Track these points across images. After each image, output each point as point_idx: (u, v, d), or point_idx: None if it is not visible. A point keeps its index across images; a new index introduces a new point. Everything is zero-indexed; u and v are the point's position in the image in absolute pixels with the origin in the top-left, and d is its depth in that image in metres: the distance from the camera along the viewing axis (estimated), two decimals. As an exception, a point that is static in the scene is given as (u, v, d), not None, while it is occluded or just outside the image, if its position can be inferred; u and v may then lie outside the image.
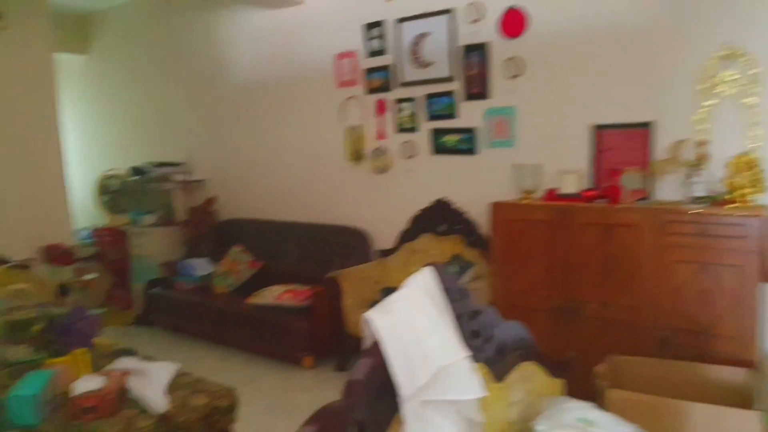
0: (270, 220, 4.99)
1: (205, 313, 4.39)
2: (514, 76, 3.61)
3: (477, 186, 3.87)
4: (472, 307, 1.62)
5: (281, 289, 4.17)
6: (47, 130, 4.28)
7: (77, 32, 6.23)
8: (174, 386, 2.32)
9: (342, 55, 4.40)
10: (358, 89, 4.36)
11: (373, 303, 3.90)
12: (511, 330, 1.85)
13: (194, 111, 5.51)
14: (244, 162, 5.22)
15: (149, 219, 5.42)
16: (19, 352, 2.31)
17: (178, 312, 4.60)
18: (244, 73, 5.07)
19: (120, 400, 2.13)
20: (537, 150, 3.56)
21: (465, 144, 3.92)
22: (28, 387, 2.00)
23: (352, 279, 3.94)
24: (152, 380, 2.28)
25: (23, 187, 4.09)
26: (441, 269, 1.51)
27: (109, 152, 6.29)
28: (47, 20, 4.31)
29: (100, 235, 5.39)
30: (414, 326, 1.34)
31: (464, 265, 3.75)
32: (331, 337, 3.94)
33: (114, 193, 5.55)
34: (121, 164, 5.81)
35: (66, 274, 4.01)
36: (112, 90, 6.25)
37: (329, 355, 3.99)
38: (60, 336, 2.20)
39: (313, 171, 4.73)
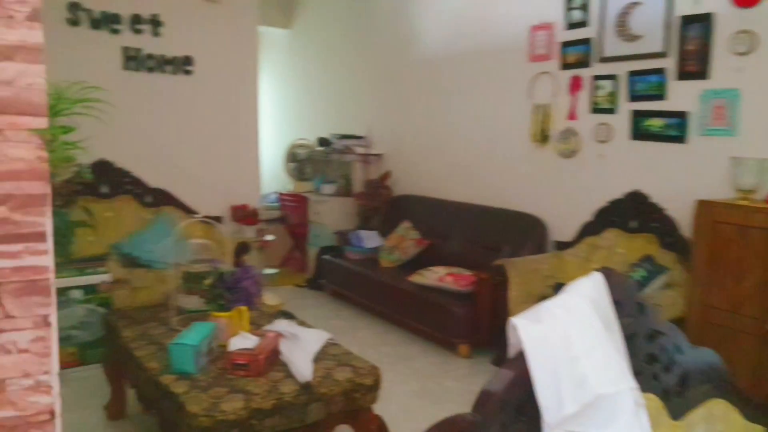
0: (441, 199, 4.87)
1: (369, 285, 4.45)
2: (743, 54, 2.99)
3: (682, 180, 3.31)
4: (652, 326, 1.30)
5: (444, 270, 4.04)
6: (248, 98, 4.62)
7: (283, 8, 6.65)
8: (322, 355, 2.32)
9: (537, 27, 4.06)
10: (552, 64, 4.00)
11: (541, 298, 3.59)
12: (699, 357, 1.48)
13: (380, 85, 5.57)
14: (422, 137, 5.15)
15: (329, 188, 5.65)
16: (192, 302, 2.48)
17: (344, 280, 4.74)
18: (431, 47, 4.97)
19: (270, 361, 2.17)
20: (764, 142, 2.92)
21: (672, 130, 3.36)
22: (191, 337, 2.13)
23: (520, 269, 3.65)
24: (303, 346, 2.29)
25: (222, 148, 4.48)
26: (615, 276, 1.22)
27: (299, 122, 6.68)
28: (254, -6, 4.63)
29: (284, 199, 5.77)
30: (570, 342, 1.09)
31: (655, 270, 3.25)
32: (491, 328, 3.72)
33: (300, 161, 5.87)
34: (309, 134, 6.12)
35: (248, 233, 4.32)
36: (307, 63, 6.59)
37: (487, 346, 3.78)
38: (226, 292, 2.32)
39: (492, 150, 4.49)
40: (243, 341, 2.18)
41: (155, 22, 4.08)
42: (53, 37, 3.67)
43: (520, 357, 1.14)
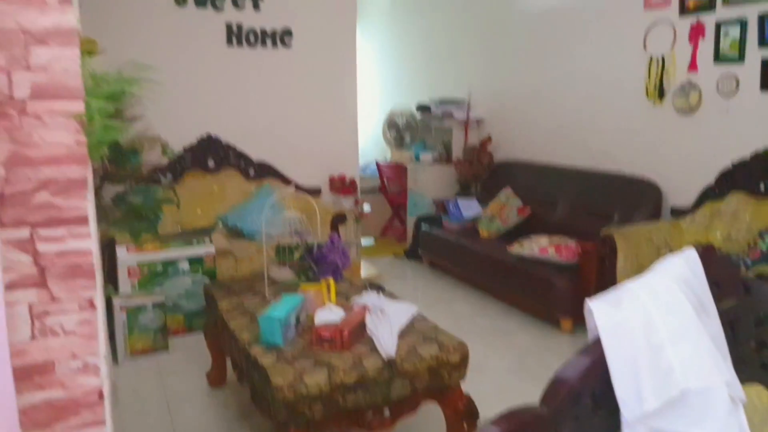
0: (545, 164, 4.62)
1: (468, 255, 4.35)
2: None
3: (823, 135, 2.87)
4: (762, 309, 1.12)
5: (547, 240, 3.84)
6: (346, 68, 4.62)
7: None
8: (408, 330, 2.29)
9: (651, -29, 3.67)
10: (670, 11, 3.61)
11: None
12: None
13: (481, 45, 5.34)
14: (525, 99, 4.89)
15: (428, 156, 5.57)
16: (283, 274, 2.55)
17: (442, 250, 4.67)
18: (533, 1, 4.66)
19: (355, 335, 2.18)
20: None
21: (811, 77, 2.92)
22: (279, 309, 2.18)
23: (631, 239, 3.38)
24: (390, 320, 2.27)
25: (321, 119, 4.54)
26: (712, 254, 1.05)
27: (399, 89, 6.61)
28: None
29: (383, 168, 5.77)
30: (653, 329, 0.95)
31: (787, 239, 2.87)
32: (596, 301, 3.50)
33: (399, 128, 5.83)
34: (408, 100, 6.05)
35: (346, 204, 4.37)
36: (407, 27, 6.47)
37: (592, 320, 3.56)
38: (314, 263, 2.35)
39: (603, 109, 4.16)
40: (329, 314, 2.20)
41: (255, -5, 4.17)
42: (162, 17, 3.91)
43: (598, 344, 1.03)
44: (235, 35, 4.15)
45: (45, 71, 0.69)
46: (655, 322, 0.95)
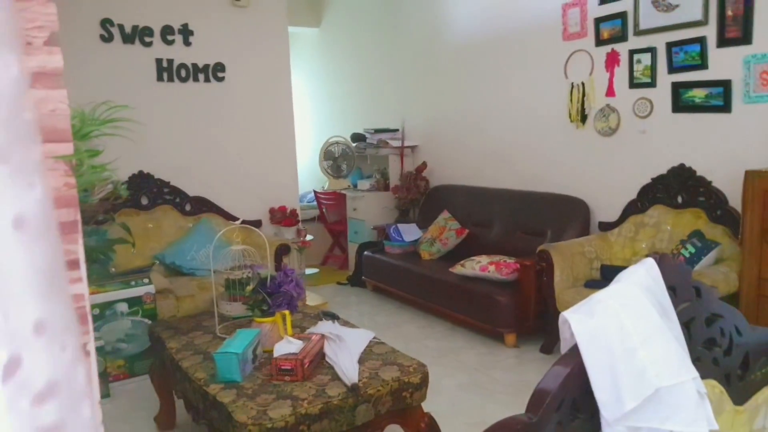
0: (479, 187, 4.79)
1: (411, 278, 4.41)
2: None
3: (728, 151, 3.16)
4: (710, 309, 1.22)
5: (487, 259, 3.97)
6: (281, 100, 4.62)
7: (311, 6, 6.65)
8: (367, 355, 2.30)
9: (570, 5, 3.93)
10: (587, 42, 3.88)
11: (588, 282, 3.48)
12: (761, 338, 1.39)
13: (412, 76, 5.51)
14: (457, 126, 5.07)
15: (366, 184, 5.64)
16: (234, 309, 2.49)
17: (386, 275, 4.71)
18: (461, 33, 4.88)
19: (315, 365, 2.16)
20: (820, 102, 2.75)
21: (716, 99, 3.21)
22: (235, 345, 2.13)
23: (565, 253, 3.56)
24: (348, 347, 2.27)
25: (258, 152, 4.51)
26: (668, 261, 1.14)
27: (333, 120, 6.68)
28: (283, -2, 4.62)
29: (321, 198, 5.78)
30: (626, 334, 1.02)
31: (705, 245, 3.11)
32: (537, 316, 3.64)
33: (336, 158, 5.87)
34: (343, 131, 6.11)
35: (288, 235, 4.34)
36: (338, 60, 6.58)
37: (534, 334, 3.70)
38: (268, 297, 2.32)
39: (529, 134, 4.38)
40: (287, 346, 2.17)
41: (186, 32, 4.11)
42: (87, 54, 3.78)
43: (574, 352, 1.09)
44: (166, 70, 4.07)
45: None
46: (627, 327, 1.02)
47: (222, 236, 4.04)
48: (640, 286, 1.08)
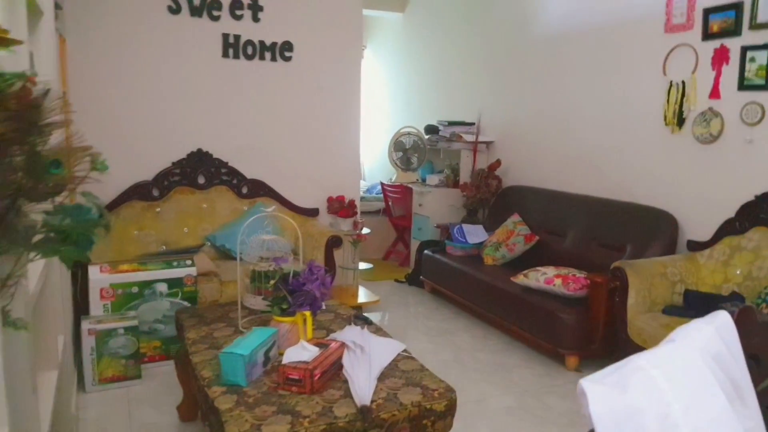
0: (557, 191, 4.36)
1: (471, 284, 4.08)
2: None
3: None
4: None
5: (554, 271, 3.58)
6: (349, 86, 4.42)
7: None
8: (391, 371, 2.04)
9: (677, -8, 3.46)
10: (692, 35, 3.39)
11: (668, 307, 3.01)
12: None
13: (494, 68, 5.14)
14: (537, 123, 4.66)
15: (435, 179, 5.35)
16: (258, 303, 2.32)
17: (445, 277, 4.41)
18: (550, 24, 4.46)
19: (328, 377, 1.93)
20: None
21: None
22: (245, 345, 1.94)
23: (643, 273, 3.12)
24: (369, 360, 2.03)
25: (320, 137, 4.33)
26: (750, 318, 0.80)
27: (408, 109, 6.42)
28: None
29: (387, 190, 5.55)
30: (671, 425, 0.70)
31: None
32: (605, 339, 3.23)
33: (406, 150, 5.61)
34: (417, 122, 5.84)
35: (344, 226, 4.14)
36: (419, 48, 6.30)
37: (600, 359, 3.29)
38: (289, 294, 2.12)
39: (618, 136, 3.92)
40: (300, 352, 1.96)
41: (255, 7, 3.99)
42: (154, 25, 3.74)
43: (595, 434, 0.78)
44: (232, 46, 3.96)
45: None
46: (674, 414, 0.70)
47: (273, 223, 3.91)
48: (704, 353, 0.75)
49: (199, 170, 3.90)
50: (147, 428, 2.59)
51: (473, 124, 5.24)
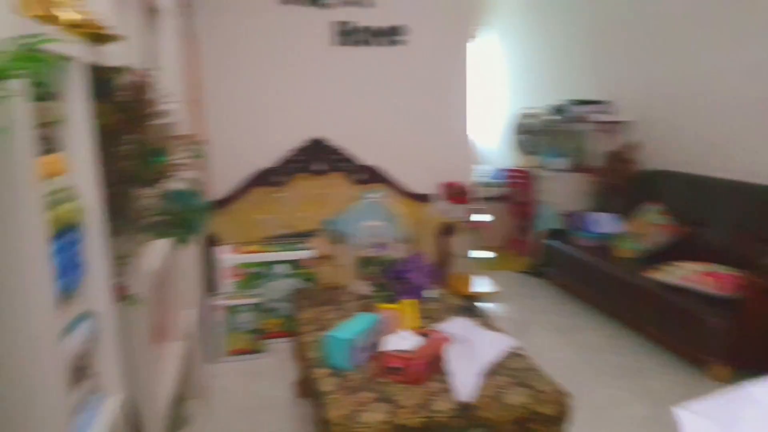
0: (705, 176, 3.86)
1: (600, 278, 3.78)
2: None
3: None
4: None
5: (699, 267, 3.19)
6: (460, 68, 4.27)
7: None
8: (499, 368, 1.92)
9: None
10: None
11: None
12: None
13: (630, 38, 4.68)
14: (683, 98, 4.16)
15: (560, 163, 5.02)
16: (365, 288, 2.30)
17: (570, 270, 4.13)
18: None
19: (430, 368, 1.86)
20: None
21: None
22: (348, 329, 1.94)
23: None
24: (475, 355, 1.93)
25: (433, 121, 4.21)
26: None
27: (531, 88, 6.07)
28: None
29: (508, 175, 5.32)
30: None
31: None
32: (762, 348, 2.81)
33: (529, 132, 5.33)
34: (540, 101, 5.52)
35: (458, 213, 4.02)
36: (544, 22, 5.93)
37: (755, 369, 2.86)
38: (392, 281, 2.08)
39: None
40: (401, 341, 1.91)
41: (369, -9, 3.98)
42: (265, 14, 3.85)
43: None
44: (343, 33, 3.98)
45: None
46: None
47: (388, 209, 3.91)
48: None
49: (317, 157, 3.99)
50: (265, 401, 2.71)
51: (604, 102, 4.82)
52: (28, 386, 0.88)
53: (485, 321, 2.31)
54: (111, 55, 1.37)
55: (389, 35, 4.05)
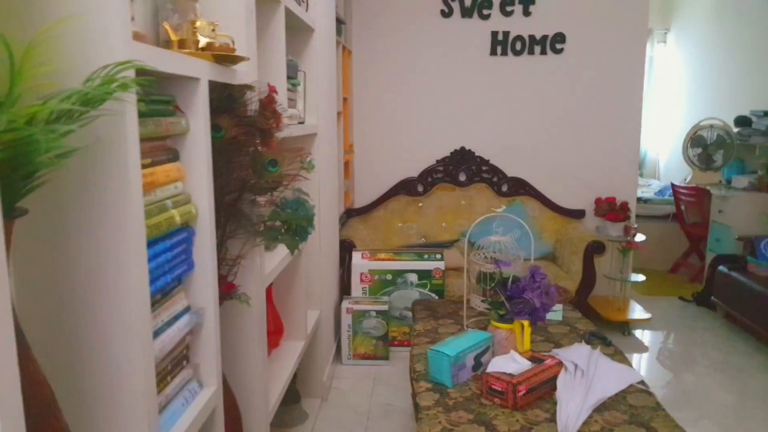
0: None
1: (778, 314, 3.24)
2: None
3: None
4: None
5: None
6: (631, 75, 3.96)
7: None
8: (615, 402, 1.75)
9: None
10: None
11: None
12: None
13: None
14: None
15: (742, 181, 4.41)
16: (481, 304, 2.25)
17: (743, 301, 3.59)
18: None
19: (535, 395, 1.76)
20: None
21: None
22: (454, 345, 1.90)
23: None
24: (588, 385, 1.78)
25: (591, 133, 3.96)
26: None
27: (711, 97, 5.42)
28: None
29: (679, 192, 4.80)
30: None
31: None
32: None
33: (707, 146, 4.76)
34: (722, 112, 4.90)
35: (613, 231, 3.72)
36: (734, 24, 5.27)
37: None
38: (508, 300, 2.00)
39: None
40: (507, 363, 1.82)
41: (527, 1, 3.87)
42: (428, 29, 3.94)
43: None
44: (501, 43, 3.91)
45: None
46: None
47: (533, 224, 3.76)
48: None
49: (461, 168, 3.98)
50: (384, 408, 2.76)
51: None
52: (121, 371, 1.01)
53: (612, 351, 2.12)
54: (239, 74, 1.51)
55: (548, 43, 3.92)
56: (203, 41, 1.35)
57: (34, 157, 0.73)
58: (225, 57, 1.42)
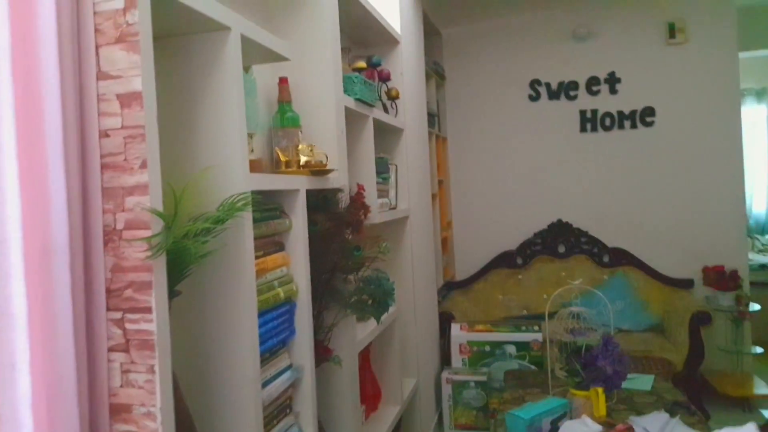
0: None
1: None
2: None
3: None
4: None
5: None
6: (727, 140, 3.94)
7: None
8: (689, 471, 1.81)
9: None
10: None
11: None
12: None
13: None
14: None
15: None
16: (560, 371, 2.37)
17: None
18: None
19: (607, 458, 1.87)
20: None
21: None
22: (531, 409, 2.07)
23: None
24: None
25: (692, 201, 3.95)
26: None
27: None
28: (732, 21, 3.95)
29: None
30: None
31: None
32: None
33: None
34: None
35: (724, 301, 3.59)
36: None
37: None
38: (583, 368, 2.12)
39: None
40: (579, 426, 1.95)
41: (612, 80, 4.08)
42: (517, 113, 4.27)
43: None
44: (590, 121, 4.11)
45: (132, 211, 1.05)
46: None
47: (637, 295, 3.78)
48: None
49: (559, 240, 4.11)
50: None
51: None
52: (238, 409, 1.38)
53: (695, 421, 2.14)
54: (331, 180, 1.93)
55: (637, 117, 4.07)
56: (303, 159, 1.78)
57: (187, 258, 1.14)
58: (319, 171, 1.84)
